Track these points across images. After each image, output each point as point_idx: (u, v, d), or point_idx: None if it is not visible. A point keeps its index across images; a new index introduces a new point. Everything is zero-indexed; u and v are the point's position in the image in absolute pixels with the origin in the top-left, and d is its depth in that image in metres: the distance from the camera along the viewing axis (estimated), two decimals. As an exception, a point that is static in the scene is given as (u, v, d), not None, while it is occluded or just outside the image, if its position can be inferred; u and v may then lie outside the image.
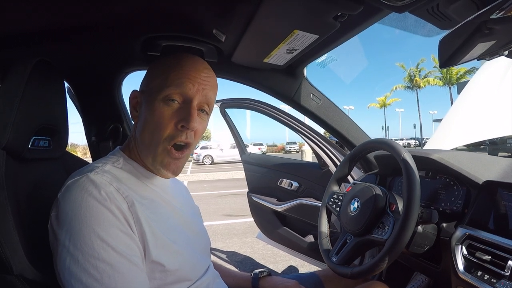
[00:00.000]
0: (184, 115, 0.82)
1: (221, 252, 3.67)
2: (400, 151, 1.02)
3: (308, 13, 0.95)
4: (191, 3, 0.99)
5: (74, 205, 0.71)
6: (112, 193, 0.75)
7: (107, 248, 0.69)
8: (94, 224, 0.70)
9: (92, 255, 0.68)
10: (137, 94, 0.90)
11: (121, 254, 0.70)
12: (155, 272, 0.78)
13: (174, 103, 0.82)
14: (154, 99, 0.83)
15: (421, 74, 43.33)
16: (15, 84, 0.83)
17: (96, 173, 0.77)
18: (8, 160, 0.81)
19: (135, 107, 0.90)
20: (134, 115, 0.90)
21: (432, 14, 0.82)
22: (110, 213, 0.72)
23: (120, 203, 0.74)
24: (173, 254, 0.81)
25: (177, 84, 0.82)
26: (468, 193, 1.08)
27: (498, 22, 0.65)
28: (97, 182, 0.74)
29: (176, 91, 0.82)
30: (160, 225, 0.82)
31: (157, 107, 0.82)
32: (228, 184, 10.20)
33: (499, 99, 3.93)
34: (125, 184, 0.80)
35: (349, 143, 1.66)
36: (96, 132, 1.55)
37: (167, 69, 0.84)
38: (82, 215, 0.70)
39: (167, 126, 0.82)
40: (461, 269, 0.93)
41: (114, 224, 0.72)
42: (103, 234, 0.69)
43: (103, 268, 0.68)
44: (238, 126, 2.52)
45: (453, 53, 0.76)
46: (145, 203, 0.81)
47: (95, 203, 0.71)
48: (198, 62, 0.87)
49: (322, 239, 1.22)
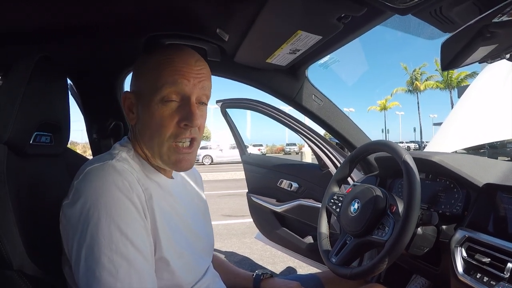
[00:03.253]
0: (185, 113, 0.79)
1: (219, 252, 3.66)
2: (401, 152, 1.03)
3: (312, 14, 0.95)
4: (195, 2, 0.99)
5: (94, 192, 0.68)
6: (134, 182, 0.73)
7: (126, 242, 0.67)
8: (115, 214, 0.67)
9: (109, 247, 0.65)
10: (129, 95, 0.86)
11: (138, 249, 0.68)
12: (163, 272, 0.76)
13: (172, 103, 0.80)
14: (150, 101, 0.80)
15: (422, 77, 43.45)
16: (18, 80, 0.84)
17: (117, 161, 0.75)
18: (9, 155, 0.81)
19: (130, 109, 0.86)
20: (131, 117, 0.86)
21: (435, 17, 0.82)
22: (132, 204, 0.70)
23: (140, 194, 0.73)
24: (176, 253, 0.80)
25: (171, 82, 0.79)
26: (468, 195, 1.08)
27: (500, 26, 0.66)
28: (120, 170, 0.72)
29: (172, 90, 0.79)
30: (169, 223, 0.81)
31: (156, 109, 0.79)
32: (227, 185, 10.20)
33: (499, 103, 3.94)
34: (141, 175, 0.78)
35: (350, 144, 1.67)
36: (98, 130, 1.55)
37: (158, 67, 0.80)
38: (103, 203, 0.67)
39: (169, 126, 0.79)
40: (460, 271, 0.93)
41: (134, 217, 0.70)
42: (123, 227, 0.67)
43: (120, 262, 0.65)
44: (239, 126, 2.52)
45: (455, 56, 0.76)
46: (157, 199, 0.79)
47: (117, 192, 0.69)
48: (189, 55, 0.84)
49: (321, 240, 1.22)
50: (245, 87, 1.59)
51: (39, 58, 0.88)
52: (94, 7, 0.96)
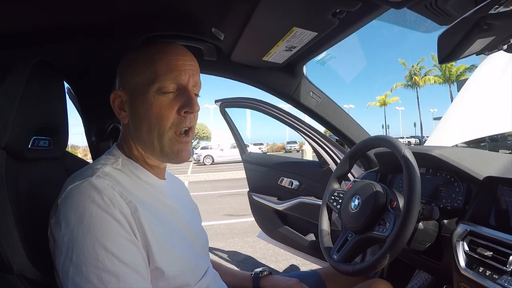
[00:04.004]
0: (184, 101, 0.81)
1: (222, 252, 3.67)
2: (400, 147, 1.02)
3: (306, 10, 0.95)
4: (190, 2, 0.99)
5: (76, 213, 0.68)
6: (116, 197, 0.72)
7: (112, 258, 0.67)
8: (97, 233, 0.67)
9: (96, 266, 0.66)
10: (119, 93, 0.85)
11: (126, 263, 0.68)
12: (158, 281, 0.76)
13: (169, 94, 0.81)
14: (146, 93, 0.80)
15: (421, 72, 43.33)
16: (15, 84, 0.83)
17: (98, 177, 0.74)
18: (8, 160, 0.80)
19: (120, 107, 0.86)
20: (123, 115, 0.86)
21: (430, 9, 0.82)
22: (114, 220, 0.70)
23: (124, 208, 0.72)
24: (174, 259, 0.80)
25: (167, 73, 0.80)
26: (469, 189, 1.08)
27: (496, 17, 0.65)
28: (99, 188, 0.71)
29: (168, 82, 0.80)
30: (162, 229, 0.80)
31: (153, 100, 0.80)
32: (228, 184, 10.20)
33: (499, 95, 3.92)
34: (126, 187, 0.78)
35: (349, 140, 1.66)
36: (96, 132, 1.55)
37: (152, 60, 0.82)
38: (85, 223, 0.67)
39: (169, 115, 0.81)
40: (462, 266, 0.93)
41: (118, 232, 0.70)
42: (107, 244, 0.67)
43: (108, 279, 0.66)
44: (238, 125, 2.52)
45: (452, 49, 0.76)
46: (146, 207, 0.78)
47: (98, 210, 0.69)
48: (180, 50, 0.86)
49: (323, 237, 1.22)
50: (242, 85, 1.59)
51: (35, 62, 0.87)
52: (90, 8, 0.96)
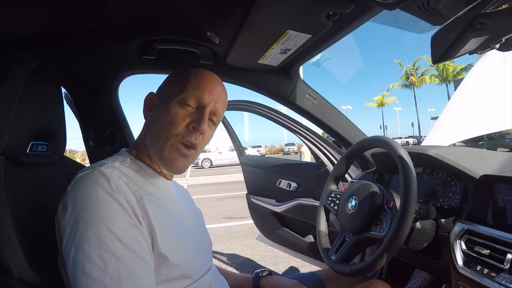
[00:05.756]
0: (197, 118, 0.87)
1: (221, 255, 3.66)
2: (396, 147, 1.02)
3: (300, 13, 0.96)
4: (184, 7, 0.99)
5: (84, 196, 0.72)
6: (122, 186, 0.76)
7: (114, 239, 0.70)
8: (103, 214, 0.71)
9: (98, 244, 0.69)
10: (153, 96, 0.95)
11: (128, 246, 0.71)
12: (161, 267, 0.79)
13: (188, 108, 0.87)
14: (170, 101, 0.88)
15: (418, 72, 43.41)
16: (12, 90, 0.84)
17: (106, 167, 0.79)
18: (6, 165, 0.81)
19: (149, 108, 0.94)
20: (147, 114, 0.94)
21: (423, 10, 0.82)
22: (119, 205, 0.73)
23: (129, 196, 0.76)
24: (178, 249, 0.83)
25: (194, 91, 0.88)
26: (465, 188, 1.08)
27: (489, 16, 0.66)
28: (107, 175, 0.76)
29: (192, 97, 0.87)
30: (167, 220, 0.84)
31: (172, 107, 0.87)
32: (227, 187, 10.19)
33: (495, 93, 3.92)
34: (133, 180, 0.82)
35: (346, 141, 1.66)
36: (94, 137, 1.55)
37: (187, 78, 0.90)
38: (92, 205, 0.71)
39: (179, 125, 0.86)
40: (460, 264, 0.93)
41: (122, 216, 0.73)
42: (111, 225, 0.71)
43: (108, 258, 0.68)
44: (236, 128, 2.53)
45: (446, 49, 0.76)
46: (152, 199, 0.83)
47: (105, 194, 0.73)
48: (215, 78, 0.94)
49: (321, 238, 1.22)
50: (239, 89, 1.59)
51: (33, 67, 0.88)
52: (86, 14, 0.96)
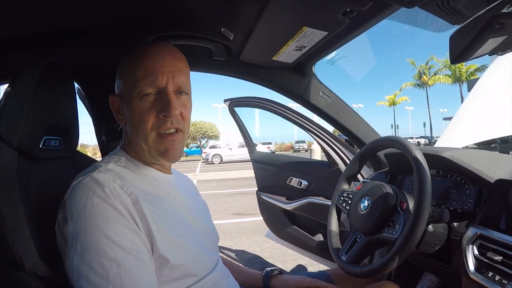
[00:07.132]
0: (163, 104, 0.83)
1: (230, 251, 3.68)
2: (410, 148, 1.01)
3: (317, 10, 0.95)
4: (199, 3, 0.99)
5: (79, 205, 0.73)
6: (116, 190, 0.76)
7: (112, 245, 0.70)
8: (99, 222, 0.71)
9: (98, 252, 0.69)
10: (115, 99, 0.91)
11: (127, 251, 0.71)
12: (162, 269, 0.78)
13: (149, 97, 0.83)
14: (130, 98, 0.84)
15: (431, 71, 42.80)
16: (26, 86, 0.85)
17: (99, 172, 0.79)
18: (20, 159, 0.82)
19: (118, 111, 0.91)
20: (119, 118, 0.92)
21: (442, 8, 0.80)
22: (115, 210, 0.73)
23: (125, 199, 0.76)
24: (179, 248, 0.82)
25: (144, 77, 0.82)
26: (479, 192, 1.06)
27: (509, 16, 0.64)
28: (100, 181, 0.76)
29: (146, 86, 0.82)
30: (166, 220, 0.82)
31: (135, 104, 0.84)
32: (237, 183, 10.22)
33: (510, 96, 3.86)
34: (129, 181, 0.82)
35: (359, 141, 1.65)
36: (106, 132, 1.56)
37: (132, 65, 0.85)
38: (87, 214, 0.72)
39: (149, 119, 0.83)
40: (472, 270, 0.91)
41: (119, 221, 0.73)
42: (108, 232, 0.71)
43: (109, 265, 0.69)
44: (247, 125, 2.52)
45: (464, 48, 0.75)
46: (149, 199, 0.82)
47: (99, 201, 0.73)
48: (161, 50, 0.87)
49: (331, 238, 1.21)
50: (252, 85, 1.59)
51: (46, 63, 0.89)
52: (99, 9, 0.96)
